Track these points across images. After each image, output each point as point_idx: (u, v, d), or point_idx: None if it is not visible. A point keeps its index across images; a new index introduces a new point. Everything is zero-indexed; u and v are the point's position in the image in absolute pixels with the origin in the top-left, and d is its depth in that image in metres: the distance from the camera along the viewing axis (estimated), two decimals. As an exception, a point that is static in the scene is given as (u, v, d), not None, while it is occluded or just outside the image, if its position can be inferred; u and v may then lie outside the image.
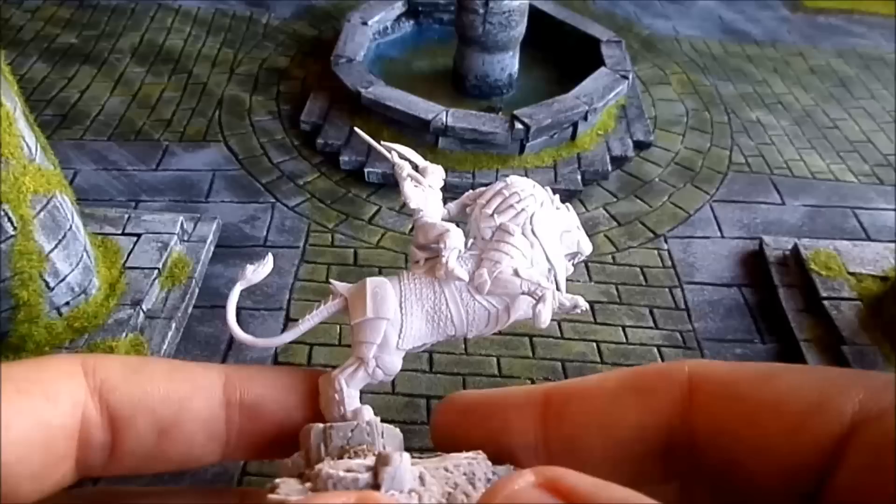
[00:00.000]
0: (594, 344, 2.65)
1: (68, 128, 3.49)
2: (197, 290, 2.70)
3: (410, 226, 3.09)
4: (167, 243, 2.67)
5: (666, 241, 3.13)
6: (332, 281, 0.41)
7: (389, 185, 3.26)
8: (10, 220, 1.98)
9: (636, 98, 3.87)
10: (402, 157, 0.48)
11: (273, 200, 3.18)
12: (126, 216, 2.77)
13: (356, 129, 0.50)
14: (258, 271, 0.42)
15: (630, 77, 3.66)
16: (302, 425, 0.35)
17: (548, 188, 0.44)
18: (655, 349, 2.66)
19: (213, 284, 2.76)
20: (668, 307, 2.82)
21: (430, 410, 2.35)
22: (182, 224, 2.78)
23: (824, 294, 2.69)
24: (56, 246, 2.15)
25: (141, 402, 0.31)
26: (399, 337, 0.38)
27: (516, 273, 0.39)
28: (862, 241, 3.04)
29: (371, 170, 3.25)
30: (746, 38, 4.78)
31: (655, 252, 3.07)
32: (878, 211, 3.37)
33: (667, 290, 2.89)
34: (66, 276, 2.22)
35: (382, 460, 0.26)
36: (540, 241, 0.41)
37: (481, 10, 3.43)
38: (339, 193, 3.24)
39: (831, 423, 0.26)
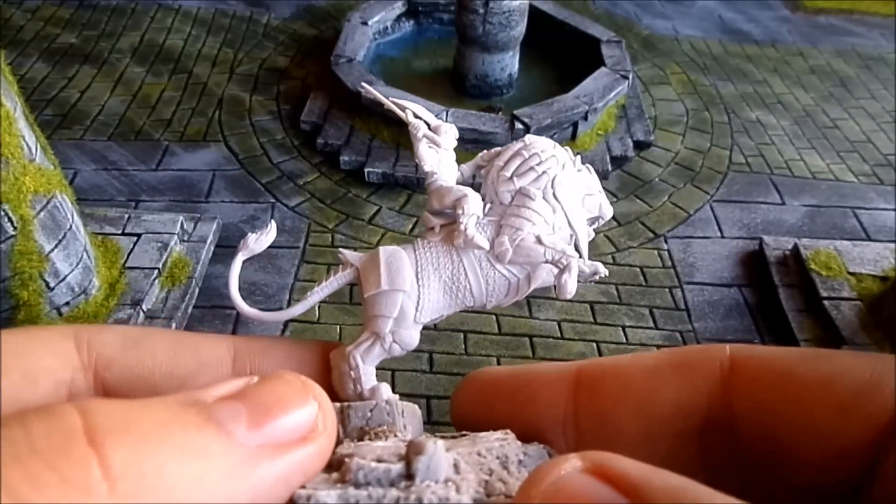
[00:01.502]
0: (594, 344, 2.65)
1: (68, 128, 3.49)
2: (197, 290, 2.70)
3: (410, 226, 3.10)
4: (167, 243, 2.67)
5: (666, 241, 3.13)
6: (341, 249, 0.39)
7: (389, 184, 3.26)
8: (10, 220, 1.98)
9: (636, 98, 3.87)
10: (416, 116, 0.45)
11: (273, 200, 3.18)
12: (126, 216, 2.77)
13: (364, 84, 0.47)
14: (261, 240, 0.41)
15: (630, 77, 3.66)
16: None
17: (568, 148, 0.41)
18: (655, 349, 2.65)
19: (213, 284, 2.76)
20: (668, 307, 2.82)
21: (431, 410, 2.35)
22: (182, 224, 2.79)
23: (824, 294, 2.69)
24: (56, 246, 2.15)
25: (140, 380, 0.29)
26: (416, 310, 0.36)
27: (539, 240, 0.37)
28: (862, 241, 3.04)
29: (371, 170, 3.25)
30: (746, 38, 4.78)
31: (655, 252, 3.07)
32: (878, 211, 3.37)
33: (667, 290, 2.89)
34: (66, 276, 2.22)
35: (415, 448, 0.25)
36: (562, 206, 0.38)
37: (481, 10, 3.43)
38: (339, 193, 3.24)
39: (884, 403, 0.25)
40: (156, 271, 2.57)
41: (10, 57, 3.80)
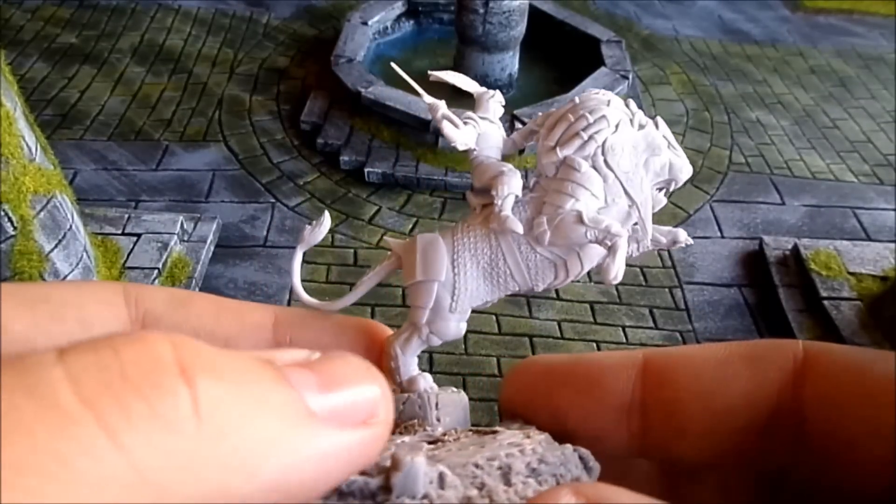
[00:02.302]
0: (594, 344, 2.65)
1: (68, 128, 3.49)
2: (197, 290, 2.70)
3: (411, 226, 3.09)
4: (167, 243, 2.67)
5: (666, 241, 3.12)
6: (386, 238, 0.39)
7: (389, 184, 3.26)
8: (10, 220, 1.98)
9: (636, 98, 3.87)
10: (455, 88, 0.42)
11: (273, 200, 3.18)
12: (126, 216, 2.78)
13: (393, 64, 0.43)
14: (315, 232, 0.40)
15: (630, 77, 3.66)
16: None
17: (631, 101, 0.37)
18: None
19: (213, 284, 2.76)
20: (668, 307, 2.82)
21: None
22: (182, 224, 2.79)
23: (824, 294, 2.69)
24: (56, 246, 2.15)
25: None
26: (452, 299, 0.34)
27: (580, 219, 0.33)
28: (862, 241, 3.04)
29: (371, 170, 3.25)
30: (746, 38, 4.78)
31: (655, 252, 3.07)
32: (878, 211, 3.37)
33: (667, 290, 2.89)
34: (66, 277, 2.22)
35: (394, 464, 0.24)
36: (616, 174, 0.34)
37: (481, 10, 3.43)
38: (339, 193, 3.24)
39: None
40: (156, 271, 2.57)
41: (10, 57, 3.80)
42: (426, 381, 0.34)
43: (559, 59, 3.99)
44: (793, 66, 4.51)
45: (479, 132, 0.39)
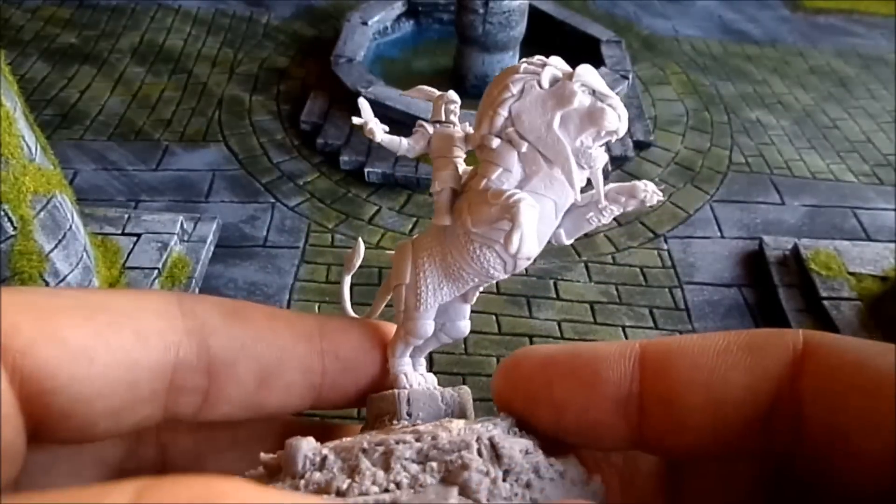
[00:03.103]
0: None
1: (68, 128, 3.49)
2: (197, 291, 2.70)
3: (410, 226, 3.09)
4: (167, 243, 2.67)
5: (666, 241, 3.13)
6: (398, 243, 0.37)
7: (389, 184, 3.26)
8: (10, 220, 1.98)
9: (636, 98, 3.87)
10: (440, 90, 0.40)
11: (273, 200, 3.18)
12: (126, 216, 2.77)
13: (361, 99, 0.42)
14: (356, 258, 0.41)
15: (630, 77, 3.66)
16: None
17: (557, 58, 0.34)
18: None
19: (213, 284, 2.76)
20: (668, 307, 2.82)
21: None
22: (182, 224, 2.79)
23: (824, 294, 2.69)
24: (56, 246, 2.15)
25: (243, 348, 0.29)
26: (417, 300, 0.34)
27: (484, 197, 0.32)
28: (862, 241, 3.04)
29: (371, 170, 3.25)
30: (746, 38, 4.78)
31: (655, 252, 3.07)
32: (878, 211, 3.37)
33: (667, 290, 2.89)
34: (66, 276, 2.22)
35: (284, 446, 0.26)
36: (529, 140, 0.32)
37: (481, 10, 3.43)
38: (339, 193, 3.24)
39: None
40: (156, 271, 2.57)
41: (10, 57, 3.80)
42: (409, 380, 0.34)
43: (559, 59, 3.98)
44: (793, 66, 4.51)
45: (428, 138, 0.39)
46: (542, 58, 0.33)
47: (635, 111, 3.78)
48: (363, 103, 0.40)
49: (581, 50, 3.91)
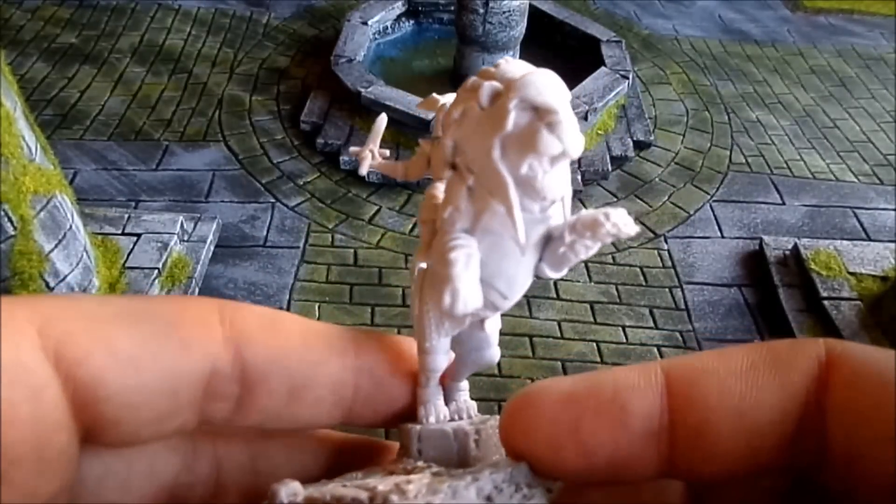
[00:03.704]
0: (594, 344, 2.65)
1: (68, 128, 3.49)
2: (197, 291, 2.70)
3: (410, 226, 3.10)
4: (167, 243, 2.67)
5: (666, 241, 3.13)
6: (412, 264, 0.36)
7: (389, 185, 3.26)
8: (10, 220, 1.98)
9: (636, 98, 3.87)
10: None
11: (273, 200, 3.18)
12: (126, 216, 2.78)
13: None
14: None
15: (630, 77, 3.66)
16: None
17: (510, 64, 0.29)
18: (655, 349, 2.66)
19: (213, 284, 2.76)
20: (668, 307, 2.82)
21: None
22: (182, 224, 2.79)
23: (824, 294, 2.70)
24: (56, 246, 2.15)
25: (277, 360, 0.29)
26: (422, 335, 0.32)
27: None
28: (862, 241, 3.04)
29: (371, 170, 3.24)
30: (746, 38, 4.78)
31: (655, 252, 3.07)
32: (878, 211, 3.37)
33: (667, 290, 2.90)
34: (66, 276, 2.22)
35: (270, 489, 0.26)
36: (476, 173, 0.28)
37: (481, 10, 3.43)
38: (339, 193, 3.24)
39: None
40: (156, 271, 2.57)
41: (10, 57, 3.81)
42: (435, 411, 0.32)
43: (559, 59, 3.98)
44: (793, 66, 4.51)
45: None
46: (502, 63, 0.29)
47: (635, 111, 3.78)
48: (380, 122, 0.37)
49: (581, 50, 3.91)
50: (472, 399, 0.34)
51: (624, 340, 2.67)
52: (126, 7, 4.48)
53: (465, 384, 0.33)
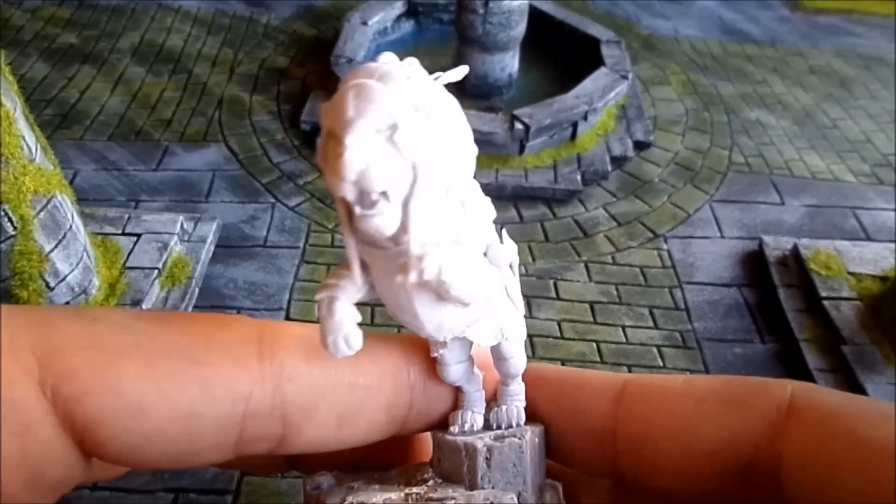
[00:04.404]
0: (594, 344, 2.65)
1: (68, 128, 3.49)
2: (197, 291, 2.70)
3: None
4: (167, 243, 2.67)
5: (666, 241, 3.13)
6: None
7: (389, 185, 3.26)
8: (10, 220, 1.98)
9: (636, 98, 3.87)
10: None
11: (273, 200, 3.18)
12: (126, 216, 2.78)
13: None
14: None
15: (630, 77, 3.66)
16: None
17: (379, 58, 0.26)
18: (655, 349, 2.66)
19: (213, 284, 2.76)
20: (668, 307, 2.82)
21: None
22: (182, 224, 2.79)
23: (824, 294, 2.70)
24: (56, 246, 2.15)
25: (324, 394, 0.27)
26: (432, 345, 0.31)
27: None
28: (862, 241, 3.04)
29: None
30: (746, 38, 4.78)
31: (655, 252, 3.07)
32: (878, 211, 3.37)
33: (667, 290, 2.90)
34: (66, 276, 2.22)
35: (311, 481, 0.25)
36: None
37: (481, 10, 3.43)
38: (339, 193, 3.24)
39: None
40: (156, 271, 2.57)
41: (10, 57, 3.81)
42: (462, 420, 0.31)
43: (559, 59, 3.99)
44: (793, 66, 4.51)
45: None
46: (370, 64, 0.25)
47: (635, 111, 3.78)
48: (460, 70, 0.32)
49: (581, 50, 3.91)
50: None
51: (624, 340, 2.67)
52: (126, 7, 4.48)
53: (517, 388, 0.32)
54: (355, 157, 0.21)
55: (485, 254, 0.28)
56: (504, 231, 0.29)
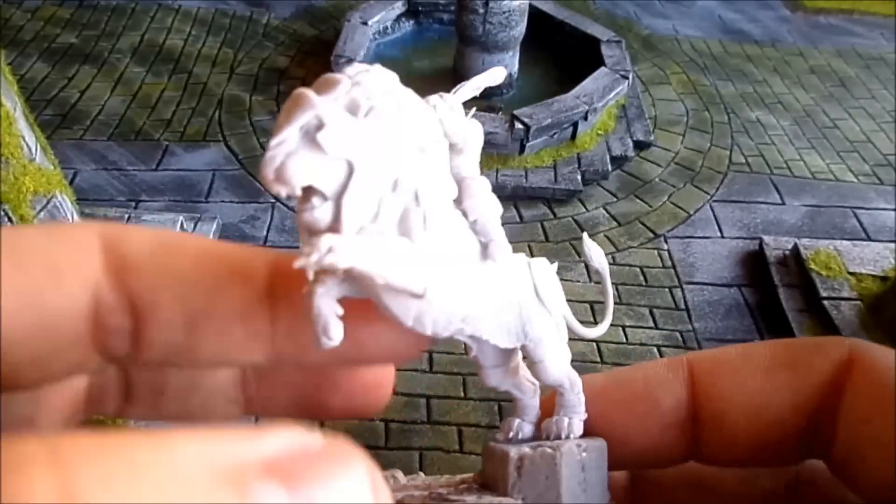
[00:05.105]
0: (594, 344, 2.65)
1: (68, 128, 3.49)
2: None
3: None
4: (167, 243, 2.67)
5: (666, 241, 3.13)
6: None
7: (389, 185, 3.26)
8: (10, 220, 1.98)
9: (636, 98, 3.87)
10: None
11: (273, 200, 3.18)
12: (126, 216, 2.78)
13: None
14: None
15: (630, 77, 3.66)
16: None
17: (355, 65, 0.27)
18: (655, 349, 2.66)
19: (213, 284, 2.76)
20: (668, 307, 2.82)
21: (431, 410, 2.35)
22: (182, 224, 2.79)
23: (824, 294, 2.69)
24: (56, 246, 2.15)
25: (165, 288, 0.25)
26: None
27: None
28: (862, 241, 3.04)
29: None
30: (746, 38, 4.78)
31: (655, 252, 3.07)
32: (878, 211, 3.37)
33: (667, 290, 2.89)
34: (66, 276, 2.22)
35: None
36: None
37: (481, 10, 3.43)
38: (339, 193, 3.24)
39: None
40: (156, 271, 2.57)
41: (10, 57, 3.80)
42: (513, 429, 0.31)
43: (559, 59, 3.99)
44: (793, 66, 4.51)
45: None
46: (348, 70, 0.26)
47: (635, 111, 3.78)
48: (496, 73, 0.33)
49: (581, 50, 3.91)
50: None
51: (624, 340, 2.67)
52: (126, 7, 4.48)
53: (571, 398, 0.31)
54: (272, 156, 0.22)
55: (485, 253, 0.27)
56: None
